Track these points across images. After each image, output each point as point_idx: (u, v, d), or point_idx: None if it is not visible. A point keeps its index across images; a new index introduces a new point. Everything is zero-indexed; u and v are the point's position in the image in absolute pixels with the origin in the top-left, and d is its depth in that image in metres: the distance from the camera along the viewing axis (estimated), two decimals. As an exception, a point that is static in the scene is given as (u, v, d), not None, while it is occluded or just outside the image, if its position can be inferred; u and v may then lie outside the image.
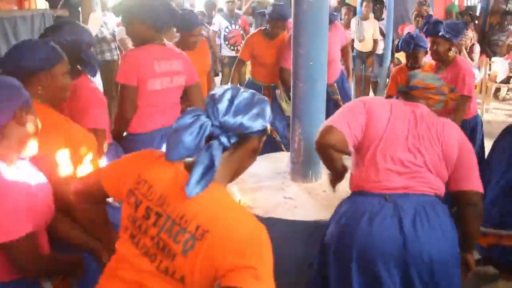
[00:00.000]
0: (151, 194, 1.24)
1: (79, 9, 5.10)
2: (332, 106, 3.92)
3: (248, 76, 4.62)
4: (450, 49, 3.24)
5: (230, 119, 1.19)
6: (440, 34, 3.20)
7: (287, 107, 4.01)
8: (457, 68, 3.24)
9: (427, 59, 3.65)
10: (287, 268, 2.48)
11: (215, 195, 1.19)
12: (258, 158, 3.31)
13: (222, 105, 1.20)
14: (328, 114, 2.32)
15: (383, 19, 6.91)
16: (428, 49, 3.43)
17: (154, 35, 2.59)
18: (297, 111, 2.64)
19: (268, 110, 1.27)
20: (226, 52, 6.60)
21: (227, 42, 6.64)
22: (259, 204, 2.51)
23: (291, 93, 2.71)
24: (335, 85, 4.31)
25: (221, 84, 4.97)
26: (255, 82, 4.25)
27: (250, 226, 1.17)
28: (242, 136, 1.23)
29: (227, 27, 6.71)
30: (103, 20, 5.82)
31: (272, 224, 2.40)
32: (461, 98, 3.10)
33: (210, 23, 7.21)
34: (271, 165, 3.03)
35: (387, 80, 6.83)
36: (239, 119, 1.20)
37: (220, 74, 7.04)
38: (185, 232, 1.16)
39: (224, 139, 1.20)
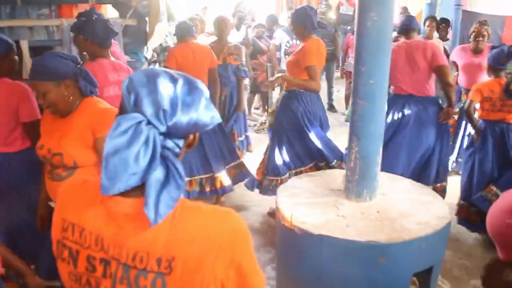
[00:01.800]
0: (85, 240, 0.97)
1: (147, 19, 5.29)
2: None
3: None
4: None
5: (181, 119, 0.93)
6: None
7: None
8: None
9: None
10: (333, 285, 2.44)
11: None
12: (313, 174, 3.32)
13: (166, 102, 0.93)
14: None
15: (448, 39, 6.73)
16: None
17: (99, 50, 3.10)
18: (355, 128, 2.60)
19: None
20: (285, 65, 6.63)
21: (287, 56, 6.68)
22: (310, 220, 2.49)
23: (351, 110, 2.68)
24: None
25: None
26: None
27: (225, 223, 0.98)
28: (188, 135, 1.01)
29: (288, 41, 6.78)
30: (168, 30, 6.02)
31: (322, 241, 2.39)
32: None
33: (270, 37, 7.30)
34: (326, 182, 3.00)
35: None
36: (193, 116, 0.95)
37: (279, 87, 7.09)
38: (146, 273, 0.91)
39: (172, 145, 0.96)
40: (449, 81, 3.88)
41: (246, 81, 7.80)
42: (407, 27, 4.19)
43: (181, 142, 0.98)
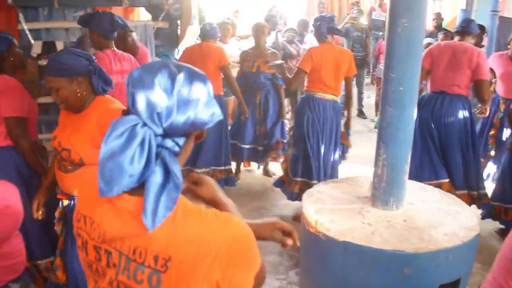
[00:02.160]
0: (94, 230, 1.00)
1: (178, 22, 5.37)
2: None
3: None
4: None
5: (178, 120, 0.92)
6: None
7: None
8: None
9: None
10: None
11: None
12: (339, 180, 3.29)
13: (162, 103, 0.91)
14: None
15: (483, 45, 6.58)
16: None
17: (105, 41, 3.37)
18: (383, 136, 2.57)
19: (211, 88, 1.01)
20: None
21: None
22: (335, 226, 2.47)
23: (379, 117, 2.65)
24: None
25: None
26: None
27: (227, 230, 0.96)
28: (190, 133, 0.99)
29: (318, 46, 6.72)
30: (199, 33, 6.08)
31: (346, 248, 2.36)
32: None
33: (301, 41, 7.29)
34: (352, 189, 2.97)
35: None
36: (190, 115, 0.93)
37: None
38: (144, 267, 0.93)
39: (172, 145, 0.94)
40: (484, 97, 3.87)
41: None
42: (463, 29, 4.16)
43: (181, 140, 0.96)
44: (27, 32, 4.59)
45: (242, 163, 5.11)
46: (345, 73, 4.19)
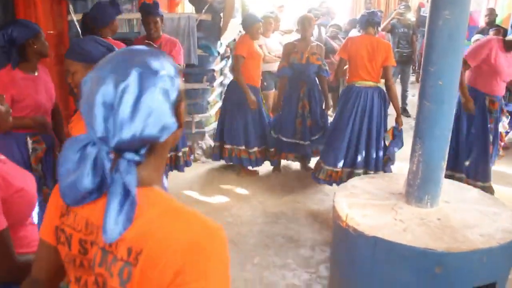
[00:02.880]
0: (78, 224, 0.98)
1: (221, 15, 5.41)
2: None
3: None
4: None
5: (123, 138, 0.87)
6: None
7: None
8: None
9: None
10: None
11: (143, 202, 0.91)
12: (375, 176, 3.27)
13: (105, 120, 0.87)
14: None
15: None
16: None
17: (96, 30, 3.54)
18: (420, 131, 2.51)
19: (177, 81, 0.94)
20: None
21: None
22: (367, 221, 2.44)
23: (416, 112, 2.58)
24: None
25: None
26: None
27: (191, 232, 0.89)
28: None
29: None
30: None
31: (376, 244, 2.33)
32: None
33: (345, 38, 7.19)
34: (386, 185, 2.92)
35: None
36: (136, 131, 0.87)
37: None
38: (117, 260, 0.90)
39: (130, 156, 0.90)
40: None
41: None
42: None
43: (142, 150, 0.91)
44: (76, 23, 4.75)
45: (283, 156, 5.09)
46: (382, 63, 4.23)
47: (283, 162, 5.22)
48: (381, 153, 4.31)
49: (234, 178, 4.94)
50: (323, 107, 4.99)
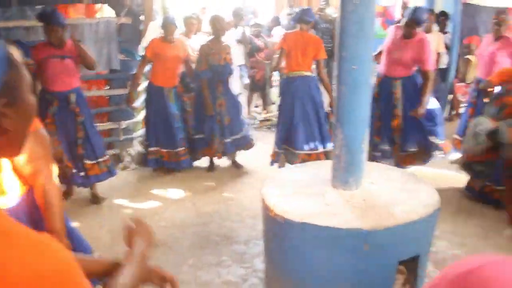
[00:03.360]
0: None
1: (142, 18, 5.30)
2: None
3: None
4: None
5: None
6: None
7: None
8: None
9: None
10: (318, 273, 2.40)
11: None
12: (303, 164, 3.30)
13: None
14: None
15: (447, 32, 6.66)
16: None
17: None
18: (339, 116, 2.56)
19: None
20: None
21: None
22: (295, 208, 2.45)
23: (336, 98, 2.63)
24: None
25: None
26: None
27: (31, 262, 0.70)
28: None
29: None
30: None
31: (304, 229, 2.34)
32: None
33: (269, 35, 7.29)
34: (314, 172, 2.96)
35: (449, 96, 6.56)
36: None
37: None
38: None
39: None
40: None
41: (246, 80, 7.79)
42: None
43: None
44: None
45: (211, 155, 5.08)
46: (314, 56, 4.63)
47: (217, 161, 5.19)
48: (325, 129, 4.64)
49: (165, 181, 4.85)
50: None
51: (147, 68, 5.53)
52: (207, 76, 4.84)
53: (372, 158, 4.50)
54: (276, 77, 7.26)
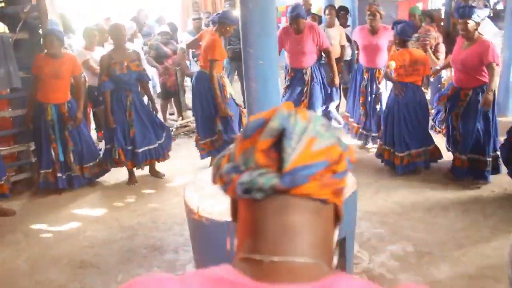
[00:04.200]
0: None
1: (40, 31, 5.03)
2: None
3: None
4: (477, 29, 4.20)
5: None
6: (472, 16, 4.07)
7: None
8: (483, 44, 4.15)
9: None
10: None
11: None
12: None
13: None
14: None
15: (348, 25, 6.97)
16: None
17: None
18: (251, 111, 2.60)
19: None
20: (195, 68, 6.58)
21: (195, 59, 6.64)
22: (218, 209, 2.44)
23: (245, 93, 2.66)
24: (309, 69, 5.40)
25: (192, 100, 5.17)
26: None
27: None
28: None
29: (194, 43, 6.71)
30: (67, 43, 5.76)
31: (230, 227, 2.34)
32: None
33: (177, 41, 7.23)
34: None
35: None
36: None
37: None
38: None
39: None
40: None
41: (158, 89, 7.67)
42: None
43: None
44: None
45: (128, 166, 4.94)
46: (207, 56, 4.90)
47: (137, 172, 5.05)
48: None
49: (86, 201, 4.64)
50: (151, 113, 5.05)
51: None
52: (108, 87, 4.71)
53: None
54: (188, 82, 7.24)
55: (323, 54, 5.69)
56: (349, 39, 6.71)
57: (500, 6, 8.80)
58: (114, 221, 4.11)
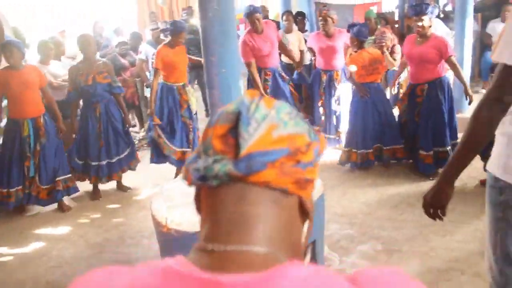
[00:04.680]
0: None
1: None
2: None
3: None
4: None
5: None
6: (426, 12, 4.25)
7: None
8: (439, 39, 4.40)
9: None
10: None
11: None
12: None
13: None
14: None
15: (306, 30, 7.07)
16: None
17: None
18: (216, 120, 2.58)
19: None
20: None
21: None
22: (186, 219, 2.41)
23: (208, 101, 2.65)
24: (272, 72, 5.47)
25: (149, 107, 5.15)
26: (168, 84, 5.01)
27: None
28: None
29: (154, 54, 6.63)
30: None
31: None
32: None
33: (136, 52, 7.14)
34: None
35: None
36: None
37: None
38: None
39: None
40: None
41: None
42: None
43: None
44: None
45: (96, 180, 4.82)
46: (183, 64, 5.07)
47: (101, 186, 4.94)
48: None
49: (49, 220, 4.48)
50: (124, 124, 4.97)
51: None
52: (74, 99, 4.65)
53: None
54: (148, 93, 7.14)
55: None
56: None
57: (448, 8, 9.15)
58: (79, 238, 4.00)
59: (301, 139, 0.64)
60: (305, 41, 6.75)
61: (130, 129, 7.25)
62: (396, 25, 8.06)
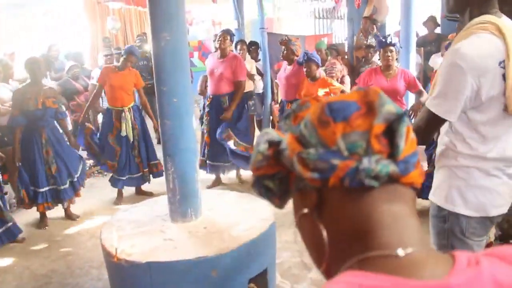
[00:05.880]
0: None
1: None
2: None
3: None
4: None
5: None
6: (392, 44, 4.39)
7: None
8: (407, 73, 4.53)
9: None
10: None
11: None
12: (137, 204, 3.24)
13: None
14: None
15: (259, 59, 7.20)
16: None
17: None
18: (167, 149, 2.59)
19: None
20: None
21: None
22: (137, 249, 2.39)
23: (160, 131, 2.65)
24: (226, 97, 5.33)
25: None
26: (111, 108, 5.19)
27: None
28: None
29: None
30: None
31: (150, 268, 2.29)
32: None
33: (89, 77, 7.05)
34: (150, 209, 2.93)
35: (270, 117, 7.09)
36: None
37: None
38: None
39: None
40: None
41: (69, 125, 7.36)
42: None
43: None
44: None
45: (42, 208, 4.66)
46: (134, 86, 5.23)
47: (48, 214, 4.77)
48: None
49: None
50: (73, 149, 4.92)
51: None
52: (20, 123, 4.50)
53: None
54: (100, 119, 7.02)
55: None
56: (260, 73, 6.93)
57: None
58: (25, 269, 3.84)
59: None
60: (257, 69, 6.89)
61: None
62: (346, 57, 8.35)
